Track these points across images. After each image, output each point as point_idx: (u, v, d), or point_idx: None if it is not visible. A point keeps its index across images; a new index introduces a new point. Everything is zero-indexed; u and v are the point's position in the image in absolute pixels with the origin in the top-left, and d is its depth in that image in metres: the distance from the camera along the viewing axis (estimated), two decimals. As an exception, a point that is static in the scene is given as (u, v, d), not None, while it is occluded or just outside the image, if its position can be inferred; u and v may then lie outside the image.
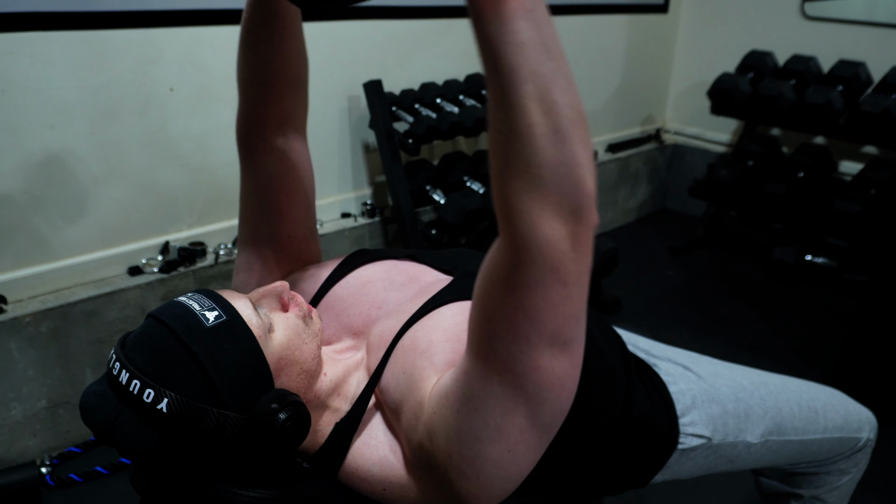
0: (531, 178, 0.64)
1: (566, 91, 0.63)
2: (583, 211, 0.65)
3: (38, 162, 1.68)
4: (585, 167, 0.64)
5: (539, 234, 0.65)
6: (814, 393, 1.20)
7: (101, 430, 0.78)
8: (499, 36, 0.62)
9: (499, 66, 0.63)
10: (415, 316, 0.91)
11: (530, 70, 0.62)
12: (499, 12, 0.61)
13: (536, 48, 0.62)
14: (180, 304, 0.82)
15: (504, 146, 0.65)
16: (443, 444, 0.77)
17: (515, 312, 0.69)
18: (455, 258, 1.08)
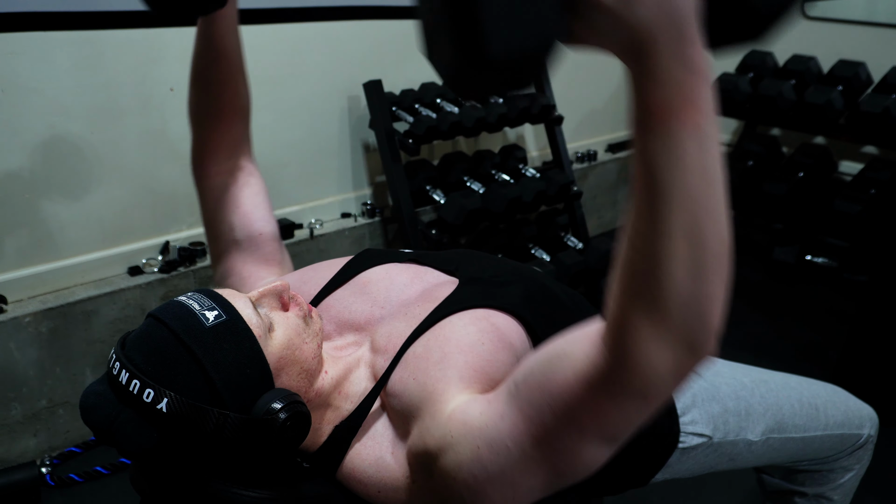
0: (658, 307, 0.60)
1: (719, 223, 0.59)
2: (701, 348, 0.62)
3: (38, 162, 1.68)
4: (718, 306, 0.61)
5: (647, 361, 0.62)
6: (814, 390, 1.20)
7: (102, 430, 0.77)
8: (663, 154, 0.57)
9: (654, 184, 0.58)
10: (426, 322, 0.91)
11: (687, 197, 0.57)
12: (669, 128, 0.57)
13: (698, 174, 0.57)
14: (180, 303, 0.82)
15: (637, 264, 0.61)
16: (452, 467, 0.76)
17: (584, 408, 0.67)
18: (457, 259, 1.08)
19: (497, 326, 0.90)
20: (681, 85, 0.56)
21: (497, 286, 0.98)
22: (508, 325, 0.92)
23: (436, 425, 0.79)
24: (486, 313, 0.92)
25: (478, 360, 0.84)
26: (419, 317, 0.93)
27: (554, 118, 2.56)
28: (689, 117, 0.56)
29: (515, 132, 2.87)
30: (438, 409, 0.80)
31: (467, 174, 2.39)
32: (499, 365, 0.86)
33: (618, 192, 3.42)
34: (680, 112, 0.56)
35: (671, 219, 0.58)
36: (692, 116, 0.56)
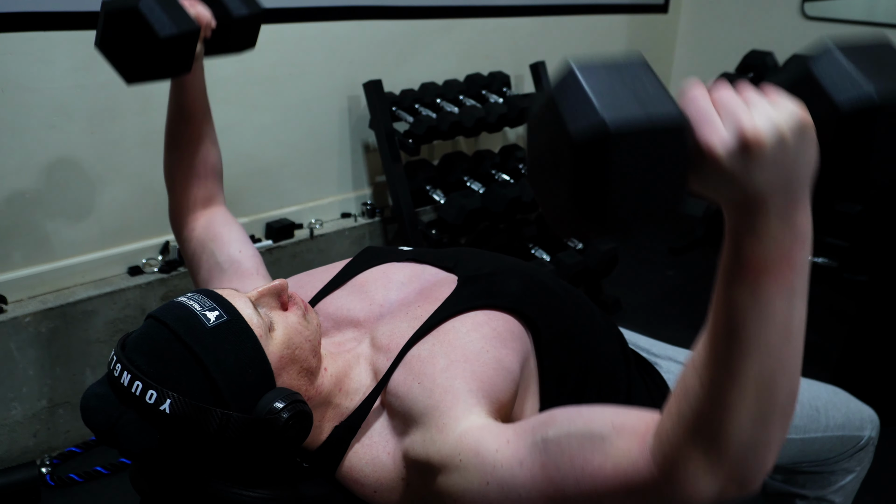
0: (717, 447, 0.60)
1: (791, 379, 0.60)
2: (748, 486, 0.62)
3: (38, 162, 1.68)
4: (776, 450, 0.61)
5: (694, 489, 0.62)
6: (815, 391, 1.20)
7: (103, 431, 0.77)
8: (748, 306, 0.58)
9: (735, 333, 0.59)
10: (427, 324, 0.91)
11: (766, 351, 0.58)
12: (760, 283, 0.57)
13: (781, 331, 0.58)
14: (181, 304, 0.82)
15: (703, 403, 0.61)
16: (453, 490, 0.77)
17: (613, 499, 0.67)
18: (455, 256, 1.08)
19: (498, 331, 0.90)
20: (781, 245, 0.56)
21: (495, 283, 0.99)
22: (509, 325, 0.92)
23: (443, 441, 0.78)
24: (486, 317, 0.92)
25: (484, 370, 0.85)
26: (421, 318, 0.93)
27: (554, 118, 2.56)
28: (784, 276, 0.57)
29: (515, 132, 2.87)
30: (447, 423, 0.79)
31: (467, 174, 2.39)
32: (504, 373, 0.86)
33: (618, 192, 3.42)
34: (775, 270, 0.57)
35: (746, 369, 0.58)
36: (786, 275, 0.57)
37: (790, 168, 0.54)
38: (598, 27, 3.05)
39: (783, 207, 0.55)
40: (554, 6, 2.81)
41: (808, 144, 0.55)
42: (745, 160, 0.53)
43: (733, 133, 0.54)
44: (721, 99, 0.55)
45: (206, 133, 1.24)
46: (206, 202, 1.25)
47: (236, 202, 2.07)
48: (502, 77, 2.53)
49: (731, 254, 0.59)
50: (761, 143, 0.53)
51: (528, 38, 2.75)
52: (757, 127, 0.53)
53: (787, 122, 0.54)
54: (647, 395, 1.07)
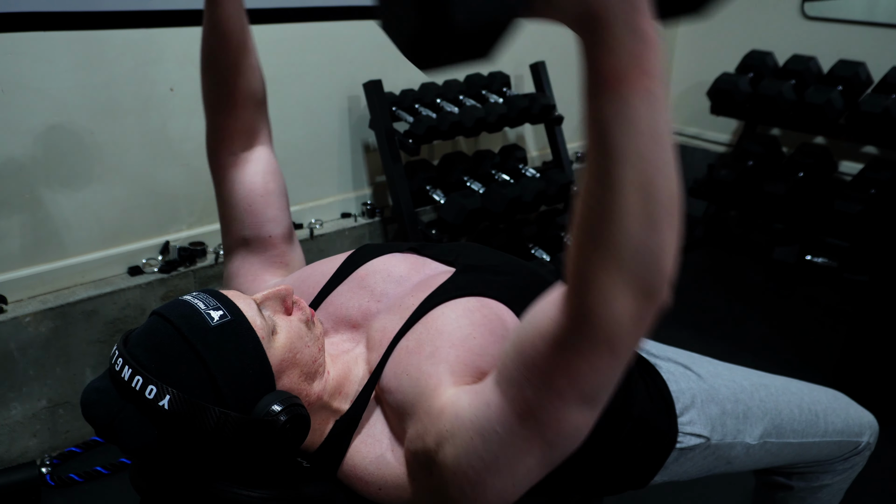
0: (612, 258, 0.63)
1: (669, 179, 0.62)
2: (657, 294, 0.65)
3: (38, 162, 1.68)
4: (672, 255, 0.64)
5: (607, 310, 0.64)
6: (815, 396, 1.20)
7: (103, 425, 0.78)
8: (612, 115, 0.60)
9: (605, 145, 0.61)
10: (416, 313, 0.91)
11: (637, 155, 0.60)
12: (620, 92, 0.59)
13: (648, 134, 0.60)
14: (185, 302, 0.82)
15: (591, 221, 0.64)
16: (450, 461, 0.77)
17: (557, 370, 0.69)
18: (457, 250, 1.07)
19: (489, 318, 0.90)
20: (632, 53, 0.58)
21: (493, 275, 0.98)
22: (501, 315, 0.91)
23: (431, 423, 0.79)
24: (479, 303, 0.91)
25: (468, 355, 0.85)
26: (410, 308, 0.92)
27: (554, 118, 2.57)
28: (640, 83, 0.59)
29: (515, 132, 2.87)
30: (432, 405, 0.81)
31: (467, 174, 2.39)
32: (489, 359, 0.86)
33: (618, 192, 3.42)
34: (631, 78, 0.59)
35: (623, 176, 0.61)
36: (643, 82, 0.59)
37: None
38: (598, 27, 3.05)
39: (626, 15, 0.57)
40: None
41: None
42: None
43: None
44: None
45: (247, 54, 1.09)
46: (247, 136, 1.13)
47: (236, 202, 2.07)
48: (502, 77, 2.53)
49: (588, 70, 0.61)
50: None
51: (528, 38, 2.74)
52: None
53: None
54: (646, 396, 1.07)
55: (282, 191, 1.16)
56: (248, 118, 1.12)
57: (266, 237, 1.12)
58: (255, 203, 1.11)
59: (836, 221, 2.57)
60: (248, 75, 1.10)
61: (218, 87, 1.09)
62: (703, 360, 1.21)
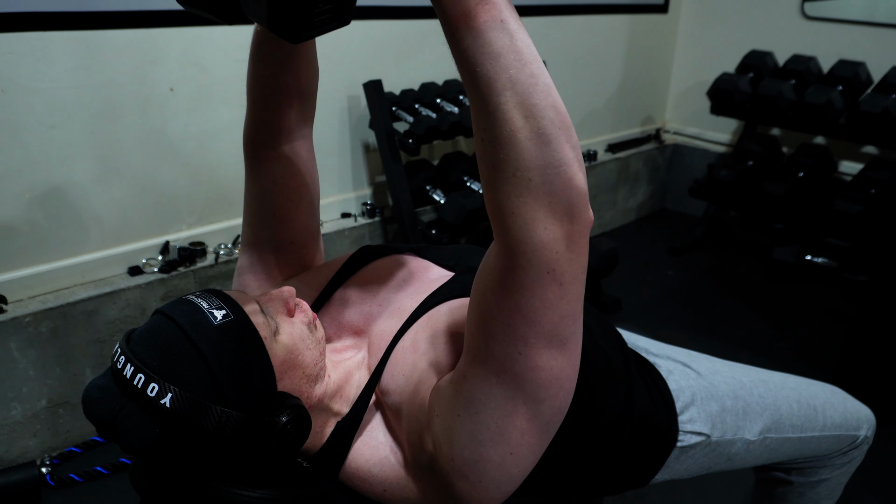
0: (520, 183, 0.65)
1: (545, 94, 0.65)
2: (575, 210, 0.66)
3: (38, 162, 1.68)
4: (574, 166, 0.65)
5: (533, 236, 0.65)
6: (813, 391, 1.20)
7: (104, 423, 0.78)
8: (473, 48, 0.64)
9: (476, 77, 0.64)
10: (414, 314, 0.91)
11: (507, 78, 0.63)
12: (471, 27, 0.63)
13: (511, 56, 0.64)
14: (188, 301, 0.83)
15: (490, 154, 0.66)
16: (444, 447, 0.77)
17: (512, 314, 0.70)
18: (458, 254, 1.07)
19: None
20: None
21: None
22: None
23: (423, 414, 0.80)
24: None
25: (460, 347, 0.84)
26: (408, 310, 0.93)
27: (554, 118, 2.56)
28: (487, 14, 0.63)
29: (515, 132, 2.87)
30: (423, 397, 0.81)
31: (467, 174, 2.39)
32: None
33: (618, 193, 3.42)
34: (476, 13, 0.63)
35: (501, 101, 0.64)
36: (489, 12, 0.63)
37: None
38: (598, 27, 3.05)
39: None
40: (554, 6, 2.81)
41: None
42: None
43: None
44: None
45: (298, 51, 1.04)
46: (287, 133, 1.08)
47: (236, 202, 2.07)
48: (502, 77, 2.53)
49: (441, 17, 0.65)
50: None
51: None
52: None
53: None
54: (647, 395, 1.07)
55: (314, 195, 1.12)
56: (292, 116, 1.07)
57: (288, 242, 1.09)
58: (284, 207, 1.07)
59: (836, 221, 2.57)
60: (300, 71, 1.05)
61: (265, 81, 1.02)
62: (702, 357, 1.21)
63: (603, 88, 3.21)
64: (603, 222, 3.39)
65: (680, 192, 3.58)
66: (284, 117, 1.06)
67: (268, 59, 1.01)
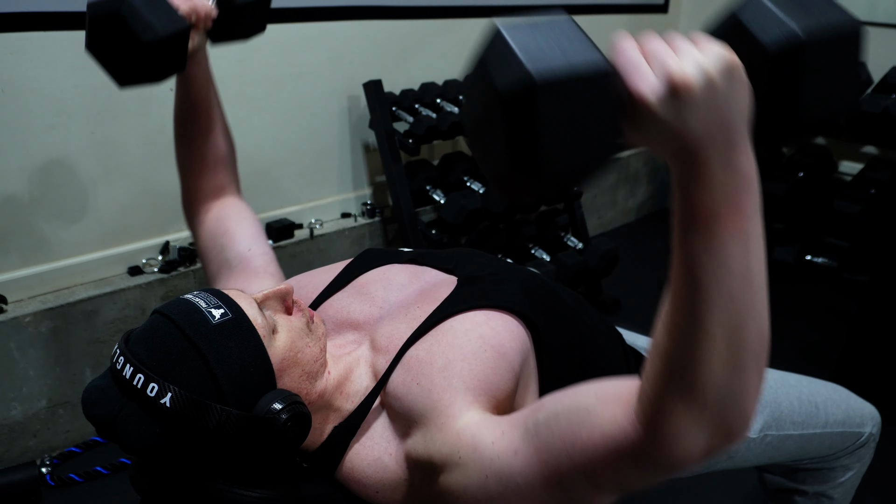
0: (695, 396, 0.61)
1: (758, 323, 0.60)
2: (735, 434, 0.63)
3: (38, 162, 1.68)
4: (754, 399, 0.62)
5: (680, 443, 0.62)
6: (814, 388, 1.20)
7: (104, 424, 0.78)
8: (704, 255, 0.58)
9: (694, 283, 0.59)
10: (426, 324, 0.91)
11: (728, 297, 0.58)
12: (711, 230, 0.57)
13: (739, 276, 0.58)
14: (186, 300, 0.83)
15: (675, 355, 0.61)
16: (455, 488, 0.77)
17: (606, 468, 0.67)
18: (455, 258, 1.08)
19: (497, 331, 0.90)
20: (727, 190, 0.56)
21: (495, 284, 0.99)
22: (508, 325, 0.92)
23: (443, 440, 0.79)
24: (485, 317, 0.92)
25: (481, 369, 0.85)
26: (419, 318, 0.93)
27: (554, 118, 2.56)
28: (734, 221, 0.57)
29: (515, 132, 2.87)
30: (446, 422, 0.80)
31: (467, 174, 2.39)
32: (502, 373, 0.86)
33: (618, 192, 3.42)
34: (725, 216, 0.57)
35: (711, 317, 0.58)
36: (737, 220, 0.57)
37: (723, 111, 0.55)
38: (598, 27, 3.04)
39: (723, 152, 0.55)
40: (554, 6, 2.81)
41: (739, 86, 0.55)
42: (676, 105, 0.54)
43: (662, 78, 0.54)
44: (649, 48, 0.56)
45: (215, 124, 1.21)
46: (218, 192, 1.23)
47: (236, 202, 2.07)
48: (502, 77, 2.53)
49: (681, 205, 0.59)
50: (689, 86, 0.53)
51: (528, 39, 2.75)
52: (684, 70, 0.53)
53: (714, 64, 0.54)
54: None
55: (256, 224, 1.22)
56: (219, 178, 1.23)
57: (246, 251, 1.15)
58: (230, 228, 1.18)
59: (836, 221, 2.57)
60: (219, 140, 1.22)
61: (192, 154, 1.20)
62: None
63: (603, 88, 3.21)
64: (603, 222, 3.39)
65: (680, 192, 3.58)
66: (212, 181, 1.22)
67: (191, 134, 1.20)
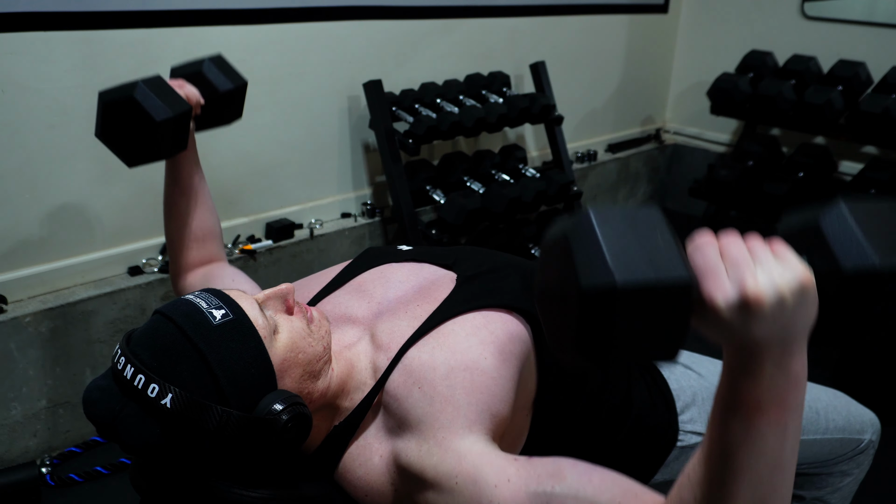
0: None
1: (782, 500, 0.63)
2: None
3: (38, 162, 1.68)
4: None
5: None
6: (815, 394, 1.20)
7: (105, 424, 0.78)
8: (742, 440, 0.60)
9: (728, 462, 0.61)
10: (427, 325, 0.91)
11: (758, 480, 0.61)
12: (754, 421, 0.60)
13: (773, 463, 0.61)
14: (188, 301, 0.83)
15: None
16: None
17: None
18: (454, 254, 1.08)
19: (496, 335, 0.90)
20: (775, 388, 0.59)
21: (494, 281, 0.98)
22: (507, 326, 0.92)
23: (441, 457, 0.79)
24: (484, 320, 0.92)
25: (483, 380, 0.85)
26: (420, 317, 0.93)
27: (554, 118, 2.57)
28: (777, 416, 0.59)
29: (515, 132, 2.87)
30: (447, 439, 0.80)
31: (467, 174, 2.39)
32: (502, 382, 0.86)
33: (618, 192, 3.42)
34: (769, 410, 0.59)
35: (737, 493, 0.61)
36: (780, 415, 0.59)
37: (788, 325, 0.57)
38: (598, 27, 3.05)
39: (779, 356, 0.58)
40: (554, 6, 2.81)
41: (808, 305, 0.57)
42: (745, 315, 0.56)
43: (736, 288, 0.56)
44: (728, 251, 0.58)
45: (202, 202, 1.30)
46: (204, 263, 1.31)
47: (236, 202, 2.07)
48: (502, 77, 2.53)
49: (728, 389, 0.61)
50: (761, 302, 0.55)
51: (528, 38, 2.75)
52: (759, 286, 0.55)
53: (789, 284, 0.56)
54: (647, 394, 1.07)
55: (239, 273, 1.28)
56: (206, 249, 1.31)
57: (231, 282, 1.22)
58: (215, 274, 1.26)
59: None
60: (206, 217, 1.30)
61: (180, 230, 1.29)
62: (704, 359, 1.21)
63: (603, 88, 3.21)
64: (603, 222, 3.39)
65: (680, 193, 3.58)
66: (200, 253, 1.30)
67: (179, 215, 1.28)
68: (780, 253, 0.58)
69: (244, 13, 1.93)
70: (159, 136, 1.17)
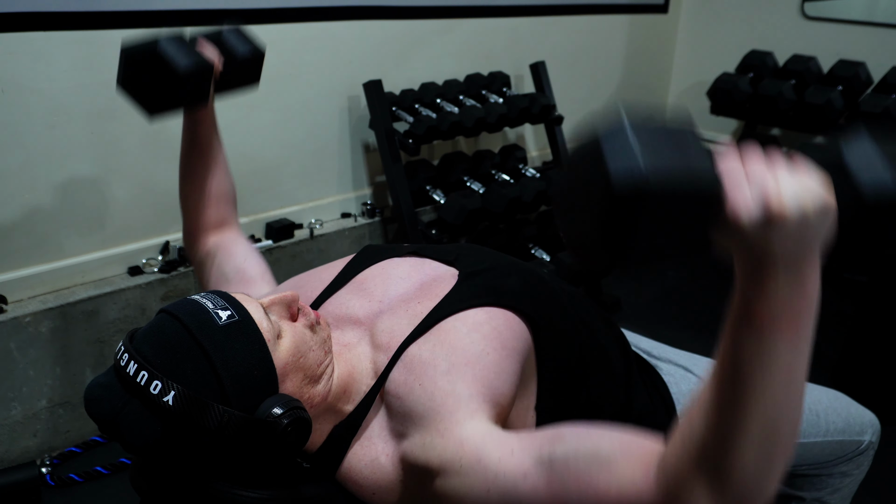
0: (720, 480, 0.63)
1: (793, 418, 0.63)
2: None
3: (38, 162, 1.68)
4: (777, 481, 0.64)
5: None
6: (815, 396, 1.20)
7: (106, 421, 0.78)
8: (755, 356, 0.60)
9: (739, 379, 0.61)
10: (427, 321, 0.91)
11: (770, 397, 0.60)
12: (766, 336, 0.59)
13: (784, 379, 0.60)
14: (193, 301, 0.83)
15: (706, 439, 0.63)
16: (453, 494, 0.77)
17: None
18: (456, 250, 1.08)
19: (499, 331, 0.90)
20: (788, 303, 0.59)
21: (495, 279, 0.98)
22: (509, 323, 0.92)
23: (444, 445, 0.79)
24: (487, 316, 0.92)
25: (485, 374, 0.85)
26: (420, 314, 0.93)
27: (554, 118, 2.57)
28: (789, 330, 0.59)
29: (515, 132, 2.87)
30: (448, 427, 0.80)
31: (467, 174, 2.39)
32: (504, 376, 0.86)
33: (618, 192, 3.42)
34: (781, 324, 0.59)
35: (750, 412, 0.61)
36: (792, 330, 0.59)
37: (806, 240, 0.57)
38: (598, 27, 3.05)
39: (793, 270, 0.58)
40: (554, 6, 2.81)
41: (828, 223, 0.57)
42: (766, 229, 0.56)
43: (759, 203, 0.56)
44: (751, 168, 0.57)
45: (219, 163, 1.30)
46: (218, 225, 1.30)
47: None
48: (502, 77, 2.53)
49: (739, 304, 0.61)
50: (784, 218, 0.55)
51: (528, 38, 2.75)
52: (783, 202, 0.55)
53: (812, 202, 0.56)
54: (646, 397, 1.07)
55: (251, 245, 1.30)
56: (220, 213, 1.30)
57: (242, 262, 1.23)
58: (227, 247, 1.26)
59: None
60: (222, 178, 1.31)
61: (195, 191, 1.28)
62: (704, 361, 1.21)
63: (603, 88, 3.21)
64: (603, 222, 3.39)
65: (680, 192, 3.58)
66: (214, 215, 1.30)
67: (196, 173, 1.29)
68: (802, 171, 0.58)
69: (244, 13, 1.93)
70: (182, 87, 1.17)
